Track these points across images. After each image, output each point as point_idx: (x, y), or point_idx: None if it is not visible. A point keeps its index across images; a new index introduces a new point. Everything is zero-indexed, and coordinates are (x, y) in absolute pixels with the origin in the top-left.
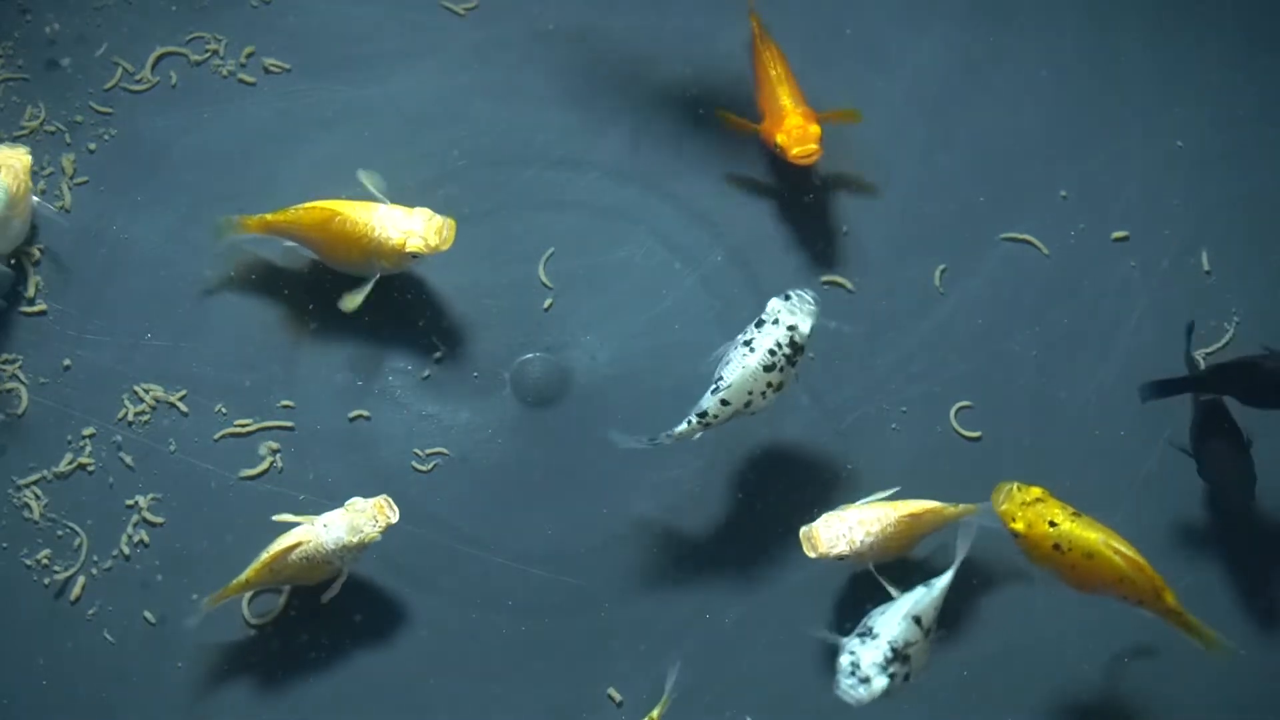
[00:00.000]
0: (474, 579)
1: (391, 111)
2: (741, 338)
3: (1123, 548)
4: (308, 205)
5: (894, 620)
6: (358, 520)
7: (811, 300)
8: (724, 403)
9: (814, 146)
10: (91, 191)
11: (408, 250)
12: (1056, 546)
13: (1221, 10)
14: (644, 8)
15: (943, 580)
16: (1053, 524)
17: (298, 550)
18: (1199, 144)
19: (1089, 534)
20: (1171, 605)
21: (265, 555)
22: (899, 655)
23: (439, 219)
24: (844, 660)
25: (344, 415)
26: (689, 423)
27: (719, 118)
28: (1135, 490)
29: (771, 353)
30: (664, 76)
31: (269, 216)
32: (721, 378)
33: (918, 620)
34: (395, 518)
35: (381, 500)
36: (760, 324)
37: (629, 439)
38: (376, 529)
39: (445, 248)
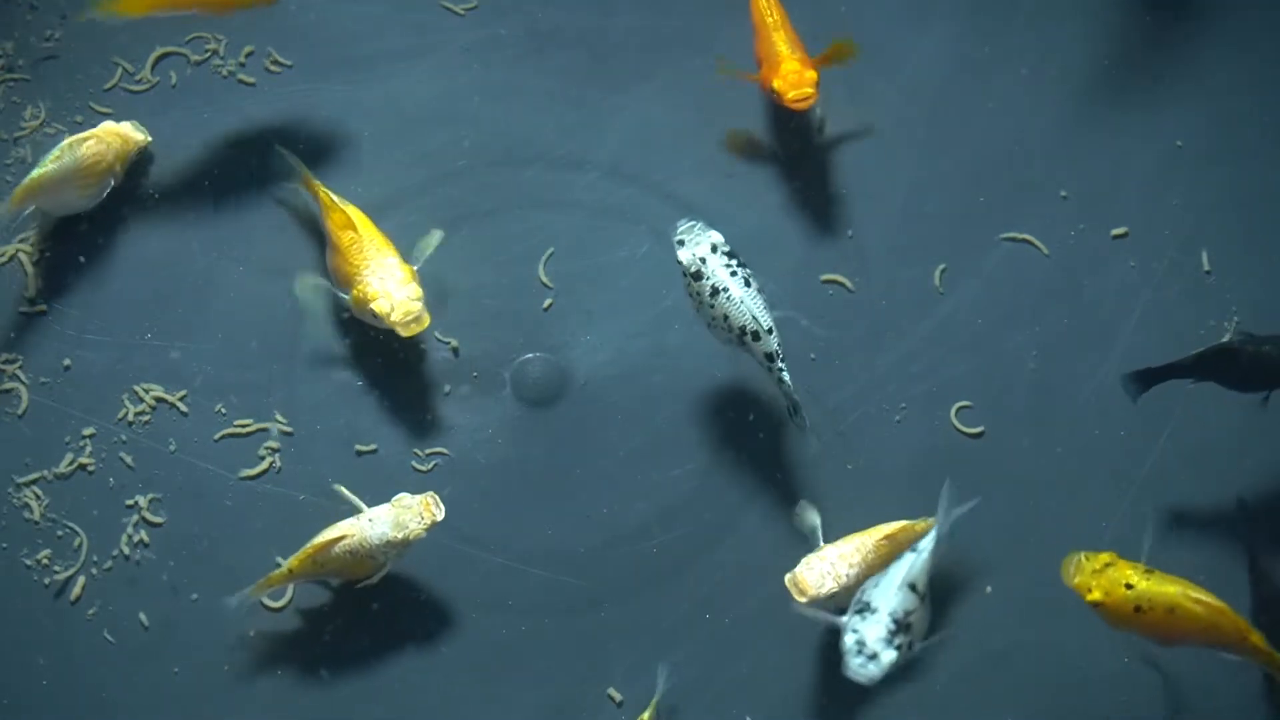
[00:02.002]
0: (474, 579)
1: (391, 111)
2: (704, 297)
3: (1203, 596)
4: (347, 204)
5: (890, 591)
6: (403, 516)
7: (688, 220)
8: (769, 331)
9: (810, 91)
10: None
11: (369, 304)
12: (1138, 608)
13: (1221, 11)
14: (644, 8)
15: (927, 541)
16: (1129, 586)
17: (342, 543)
18: (1199, 144)
19: (1167, 589)
20: (1259, 646)
21: (310, 546)
22: (901, 625)
23: (418, 308)
24: (849, 640)
25: (344, 415)
26: (783, 371)
27: (719, 68)
28: (1135, 490)
29: (734, 274)
30: (664, 76)
31: (321, 191)
32: (743, 326)
33: (913, 587)
34: (441, 515)
35: (428, 497)
36: (699, 275)
37: (813, 442)
38: (422, 525)
39: (402, 332)
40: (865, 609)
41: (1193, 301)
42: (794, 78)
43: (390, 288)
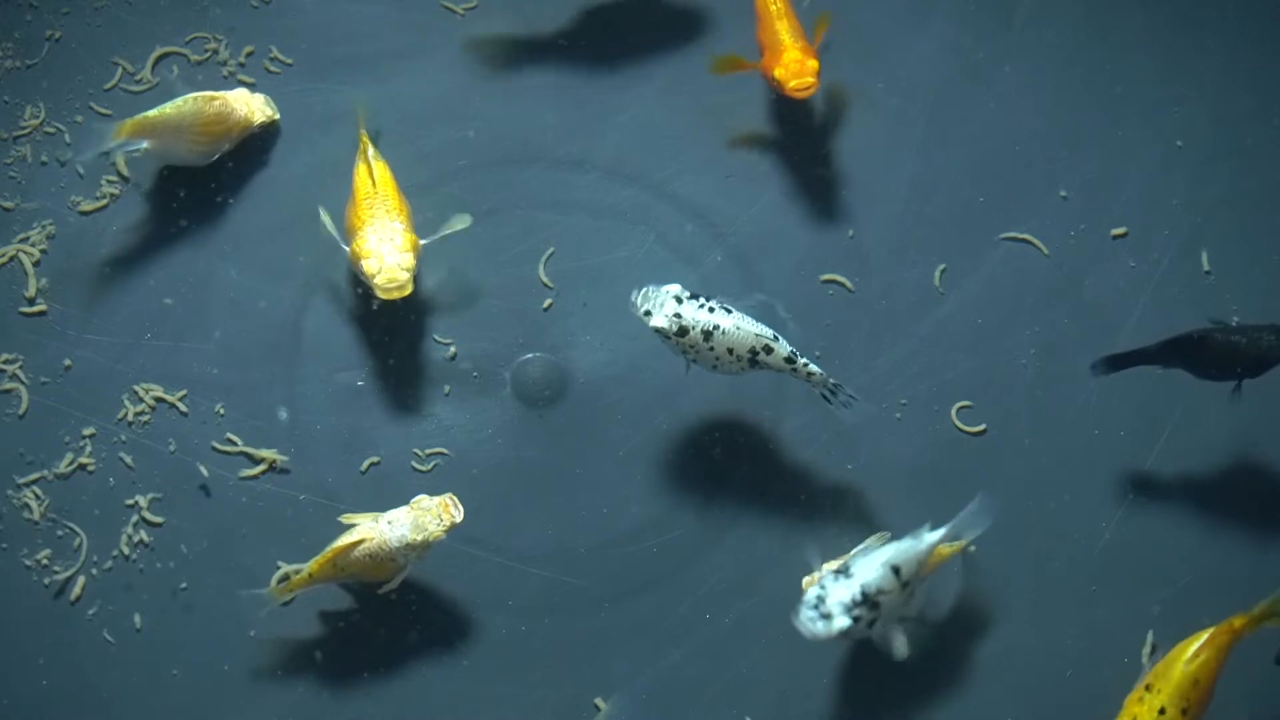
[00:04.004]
0: (474, 579)
1: (391, 111)
2: (699, 345)
3: (1192, 646)
4: (379, 160)
5: (873, 565)
6: (422, 518)
7: (637, 289)
8: (776, 339)
9: (811, 80)
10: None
11: (360, 260)
12: (1184, 710)
13: (1221, 10)
14: (644, 7)
15: (931, 536)
16: (1162, 711)
17: (361, 547)
18: (1199, 144)
19: (1174, 676)
20: (1253, 616)
21: (329, 550)
22: (868, 600)
23: (404, 277)
24: (811, 593)
25: (344, 415)
26: (809, 365)
27: (715, 67)
28: (1135, 490)
29: (711, 310)
30: (664, 76)
31: (363, 139)
32: (752, 348)
33: (896, 570)
34: (460, 517)
35: (446, 498)
36: (684, 331)
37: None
38: (441, 527)
39: (380, 295)
40: (843, 571)
41: (1193, 301)
42: (795, 66)
43: (384, 250)
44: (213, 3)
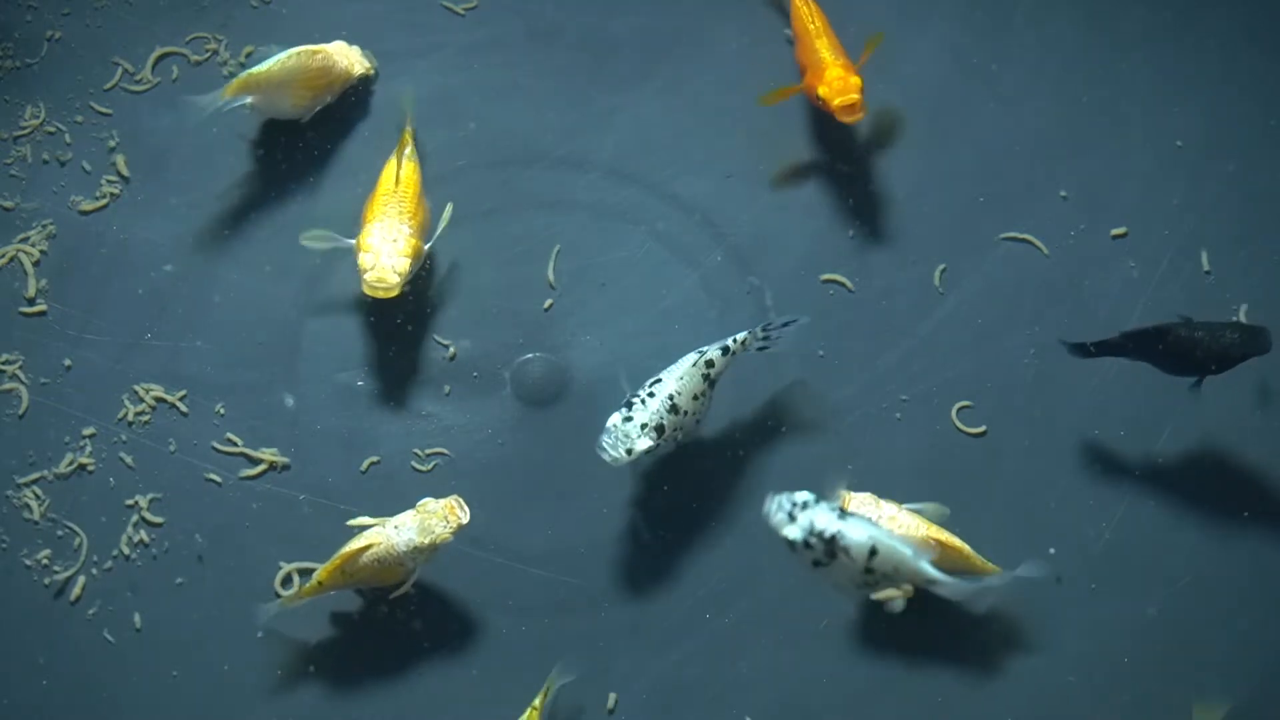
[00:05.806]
0: (474, 579)
1: (392, 111)
2: (677, 423)
3: None
4: (411, 162)
5: (864, 530)
6: (429, 521)
7: (605, 453)
8: (703, 351)
9: (856, 96)
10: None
11: (359, 252)
12: None
13: (1221, 10)
14: (644, 8)
15: (927, 568)
16: None
17: (369, 552)
18: (1199, 144)
19: None
20: None
21: (337, 557)
22: (832, 545)
23: (394, 280)
24: (801, 494)
25: (344, 415)
26: (738, 336)
27: (762, 103)
28: (1135, 490)
29: (647, 397)
30: (664, 76)
31: (405, 138)
32: (706, 377)
33: (873, 552)
34: (467, 518)
35: (452, 500)
36: (660, 429)
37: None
38: (448, 529)
39: (365, 290)
40: (845, 513)
41: (1193, 301)
42: (839, 84)
43: (384, 249)
44: (213, 3)
